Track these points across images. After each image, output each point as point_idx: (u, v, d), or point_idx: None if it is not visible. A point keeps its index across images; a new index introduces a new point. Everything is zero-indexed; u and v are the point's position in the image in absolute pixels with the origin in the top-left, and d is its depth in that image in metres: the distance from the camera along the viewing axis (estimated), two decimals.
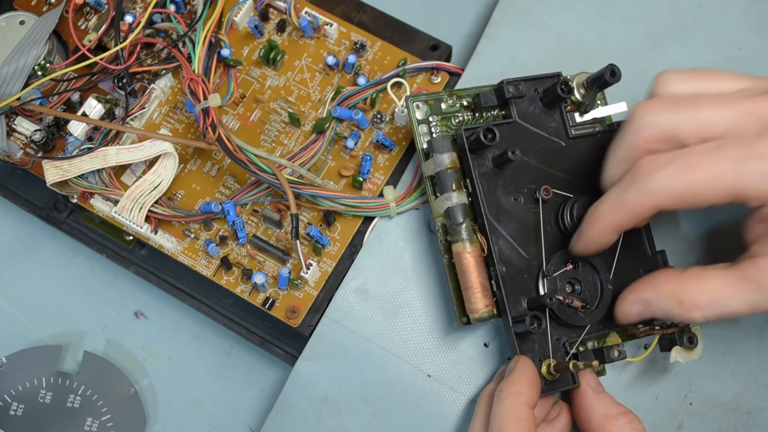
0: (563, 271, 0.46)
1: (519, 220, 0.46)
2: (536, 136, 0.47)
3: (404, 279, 0.50)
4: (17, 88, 0.53)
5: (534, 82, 0.48)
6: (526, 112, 0.47)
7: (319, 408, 0.49)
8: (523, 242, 0.45)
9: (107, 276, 0.56)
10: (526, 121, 0.47)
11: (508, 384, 0.42)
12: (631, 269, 0.47)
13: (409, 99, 0.49)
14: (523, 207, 0.46)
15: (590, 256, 0.45)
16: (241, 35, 0.55)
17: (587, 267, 0.46)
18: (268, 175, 0.49)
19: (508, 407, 0.41)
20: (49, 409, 0.53)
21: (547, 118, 0.48)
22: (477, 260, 0.45)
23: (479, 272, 0.45)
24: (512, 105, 0.47)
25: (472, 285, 0.45)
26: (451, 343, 0.49)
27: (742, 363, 0.49)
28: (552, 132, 0.48)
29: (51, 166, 0.51)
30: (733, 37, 0.54)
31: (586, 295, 0.46)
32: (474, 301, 0.45)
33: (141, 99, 0.53)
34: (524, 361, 0.44)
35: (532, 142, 0.47)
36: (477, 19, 0.60)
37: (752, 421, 0.48)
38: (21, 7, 0.57)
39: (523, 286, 0.45)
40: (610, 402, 0.44)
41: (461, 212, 0.45)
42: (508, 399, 0.41)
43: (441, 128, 0.49)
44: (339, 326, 0.49)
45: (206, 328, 0.55)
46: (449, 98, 0.49)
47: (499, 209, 0.45)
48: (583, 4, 0.55)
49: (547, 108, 0.48)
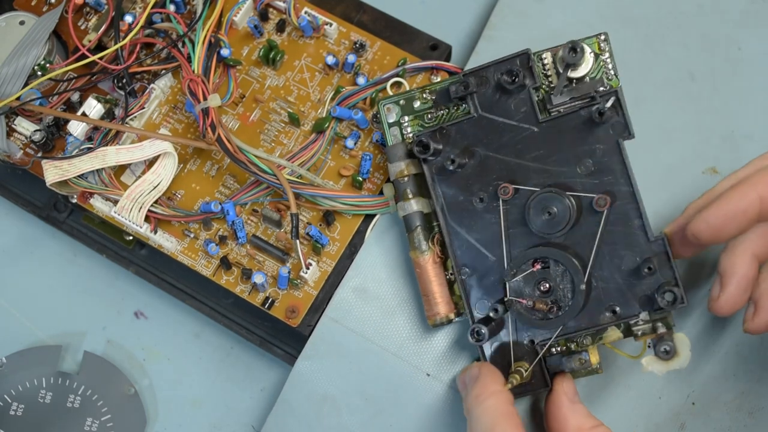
0: (529, 272, 0.43)
1: (484, 221, 0.44)
2: (503, 126, 0.44)
3: (404, 279, 0.50)
4: (17, 88, 0.53)
5: (500, 65, 0.44)
6: (491, 101, 0.44)
7: (319, 407, 0.49)
8: (488, 243, 0.44)
9: (107, 276, 0.56)
10: (491, 112, 0.44)
11: (482, 387, 0.41)
12: (619, 262, 0.43)
13: (380, 103, 0.48)
14: (488, 206, 0.44)
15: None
16: (240, 35, 0.55)
17: (559, 266, 0.43)
18: (268, 175, 0.49)
19: (494, 405, 0.40)
20: (49, 409, 0.53)
21: (517, 104, 0.44)
22: (431, 267, 0.45)
23: (433, 279, 0.45)
24: (471, 99, 0.44)
25: (426, 292, 0.46)
26: (451, 342, 0.49)
27: (744, 363, 0.49)
28: (522, 119, 0.44)
29: (51, 166, 0.51)
30: (733, 37, 0.54)
31: (558, 295, 0.43)
32: (428, 308, 0.46)
33: (141, 99, 0.53)
34: (487, 364, 0.43)
35: (500, 134, 0.44)
36: (477, 19, 0.60)
37: (754, 421, 0.48)
38: (21, 7, 0.57)
39: (492, 288, 0.44)
40: (584, 414, 0.43)
41: (412, 220, 0.45)
42: (492, 398, 0.41)
43: (413, 128, 0.48)
44: (339, 325, 0.49)
45: (206, 328, 0.55)
46: (421, 94, 0.48)
47: (462, 211, 0.44)
48: (582, 5, 0.55)
49: (515, 93, 0.44)
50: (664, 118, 0.53)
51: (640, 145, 0.50)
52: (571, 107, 0.44)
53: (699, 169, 0.52)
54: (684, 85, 0.53)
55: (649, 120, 0.52)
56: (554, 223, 0.42)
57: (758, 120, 0.52)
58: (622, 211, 0.43)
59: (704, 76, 0.53)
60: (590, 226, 0.43)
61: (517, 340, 0.45)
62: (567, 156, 0.43)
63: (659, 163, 0.52)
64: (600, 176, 0.43)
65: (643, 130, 0.51)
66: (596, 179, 0.43)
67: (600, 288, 0.43)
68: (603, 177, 0.43)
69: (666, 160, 0.52)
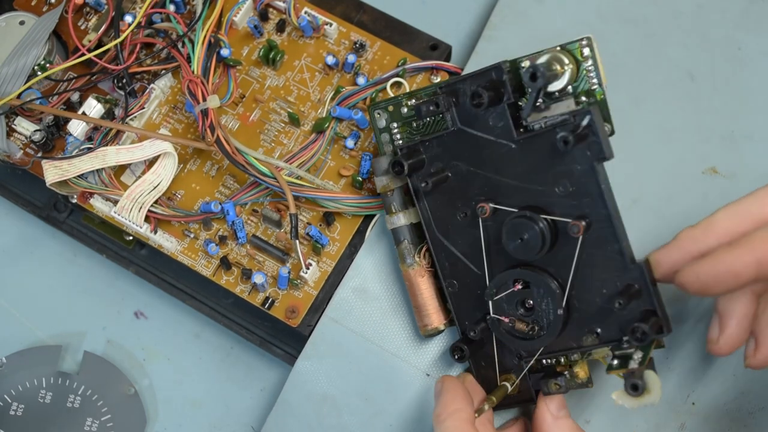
0: (510, 292, 0.42)
1: (469, 235, 0.43)
2: (482, 141, 0.42)
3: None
4: (17, 88, 0.53)
5: (475, 78, 0.42)
6: (469, 113, 0.42)
7: (319, 407, 0.49)
8: (474, 257, 0.43)
9: (107, 276, 0.56)
10: (470, 126, 0.42)
11: (442, 406, 0.40)
12: (601, 285, 0.41)
13: (372, 109, 0.47)
14: (471, 222, 0.43)
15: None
16: (240, 35, 0.55)
17: (541, 288, 0.41)
18: (267, 177, 0.49)
19: (452, 427, 0.39)
20: (49, 409, 0.53)
21: (494, 118, 0.42)
22: (420, 280, 0.46)
23: (423, 291, 0.45)
24: (449, 112, 0.43)
25: (416, 305, 0.46)
26: (450, 342, 0.49)
27: (743, 363, 0.49)
28: (499, 134, 0.42)
29: (51, 166, 0.51)
30: (733, 37, 0.54)
31: (540, 315, 0.42)
32: (419, 319, 0.46)
33: (141, 99, 0.53)
34: (449, 380, 0.43)
35: (479, 149, 0.42)
36: (477, 19, 0.60)
37: (754, 421, 0.48)
38: (21, 7, 0.57)
39: (479, 301, 0.44)
40: (570, 429, 0.42)
41: (399, 234, 0.45)
42: (450, 419, 0.39)
43: (402, 135, 0.47)
44: (338, 326, 0.49)
45: (206, 328, 0.55)
46: (408, 100, 0.46)
47: (447, 225, 0.44)
48: (582, 5, 0.55)
49: (492, 106, 0.42)
50: (664, 118, 0.53)
51: (640, 145, 0.50)
52: (546, 126, 0.42)
53: (699, 169, 0.52)
54: (684, 85, 0.53)
55: (648, 120, 0.52)
56: (528, 248, 0.41)
57: (758, 120, 0.52)
58: (600, 235, 0.40)
59: (704, 76, 0.53)
60: (569, 249, 0.41)
61: (503, 353, 0.45)
62: (545, 176, 0.41)
63: (659, 163, 0.52)
64: (578, 198, 0.40)
65: (643, 130, 0.51)
66: (574, 200, 0.40)
67: (582, 309, 0.41)
68: (581, 199, 0.40)
69: (666, 160, 0.52)
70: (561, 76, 0.42)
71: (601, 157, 0.39)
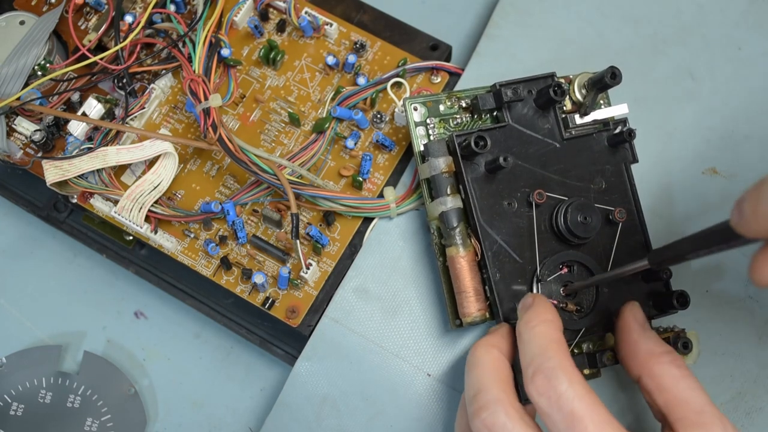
0: (558, 275, 0.45)
1: (513, 225, 0.46)
2: (530, 138, 0.47)
3: (404, 279, 0.50)
4: (17, 88, 0.53)
5: (528, 83, 0.47)
6: (520, 114, 0.47)
7: (319, 407, 0.49)
8: (517, 247, 0.45)
9: (107, 276, 0.56)
10: (519, 124, 0.47)
11: (534, 314, 0.41)
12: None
13: (407, 101, 0.48)
14: (517, 211, 0.46)
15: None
16: (241, 35, 0.55)
17: (583, 270, 0.46)
18: (269, 175, 0.49)
19: (545, 331, 0.40)
20: (49, 409, 0.53)
21: (541, 120, 0.47)
22: (470, 264, 0.45)
23: (472, 276, 0.45)
24: (506, 108, 0.47)
25: (465, 289, 0.45)
26: (451, 342, 0.49)
27: (740, 363, 0.49)
28: (546, 134, 0.47)
29: (51, 166, 0.51)
30: (733, 37, 0.54)
31: (581, 298, 0.46)
32: (467, 306, 0.45)
33: (141, 99, 0.53)
34: (540, 297, 0.43)
35: (526, 145, 0.47)
36: (477, 19, 0.60)
37: (750, 421, 0.48)
38: (21, 7, 0.57)
39: (519, 291, 0.45)
40: (655, 340, 0.43)
41: (455, 217, 0.45)
42: (543, 325, 0.41)
43: (439, 130, 0.49)
44: (339, 326, 0.49)
45: (206, 328, 0.55)
46: (448, 100, 0.49)
47: (492, 214, 0.45)
48: (584, 4, 0.55)
49: (541, 109, 0.47)
50: (664, 118, 0.53)
51: (640, 145, 0.50)
52: (588, 129, 0.48)
53: (699, 169, 0.52)
54: (684, 85, 0.53)
55: (649, 120, 0.52)
56: (588, 228, 0.45)
57: (758, 120, 0.52)
58: (628, 226, 0.47)
59: (704, 76, 0.53)
60: (602, 236, 0.47)
61: None
62: (583, 173, 0.47)
63: (659, 163, 0.52)
64: (610, 193, 0.47)
65: (643, 129, 0.51)
66: (606, 196, 0.47)
67: (616, 291, 0.46)
68: (612, 194, 0.47)
69: (666, 160, 0.52)
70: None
71: (631, 160, 0.48)
